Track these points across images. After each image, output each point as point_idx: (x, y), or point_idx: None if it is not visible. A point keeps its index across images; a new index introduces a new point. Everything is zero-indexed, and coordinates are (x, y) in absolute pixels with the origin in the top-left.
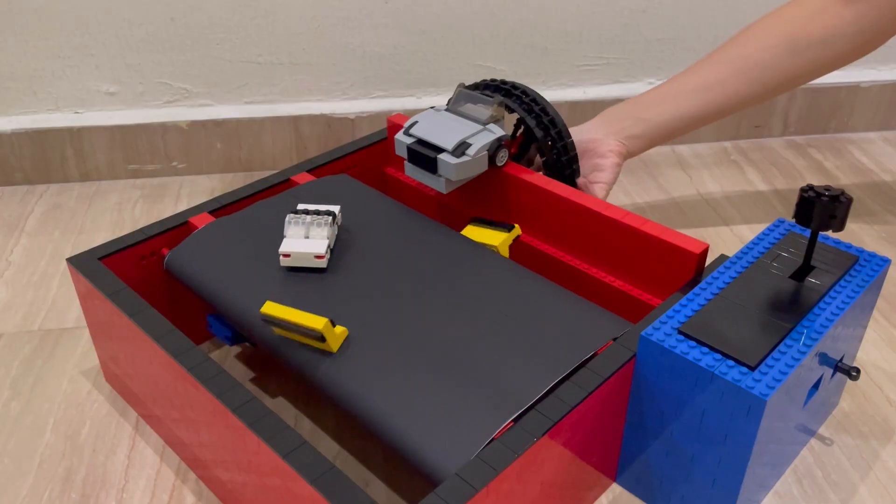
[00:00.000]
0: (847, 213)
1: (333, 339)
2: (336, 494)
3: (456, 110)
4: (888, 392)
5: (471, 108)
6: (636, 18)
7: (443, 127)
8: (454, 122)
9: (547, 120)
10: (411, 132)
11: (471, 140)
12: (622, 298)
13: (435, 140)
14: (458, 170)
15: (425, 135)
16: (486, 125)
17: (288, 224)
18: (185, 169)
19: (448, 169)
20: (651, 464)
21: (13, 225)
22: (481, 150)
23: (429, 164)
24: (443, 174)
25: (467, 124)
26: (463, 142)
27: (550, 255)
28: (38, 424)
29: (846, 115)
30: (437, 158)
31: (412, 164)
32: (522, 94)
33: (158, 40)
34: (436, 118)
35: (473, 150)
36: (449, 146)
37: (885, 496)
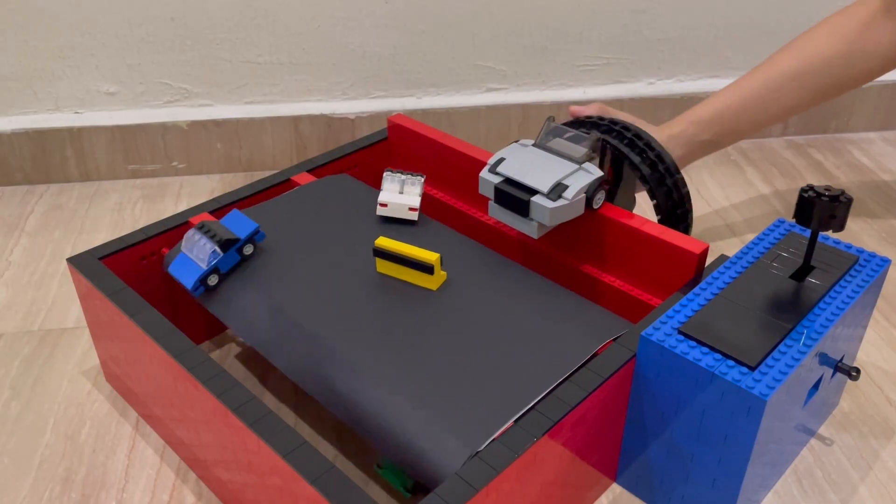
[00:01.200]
0: (847, 214)
1: (438, 277)
2: (336, 494)
3: (545, 146)
4: (888, 392)
5: (562, 145)
6: (636, 18)
7: (534, 165)
8: (547, 160)
9: (653, 155)
10: (498, 170)
11: (567, 181)
12: (622, 298)
13: (527, 180)
14: (554, 214)
15: (515, 174)
16: (581, 164)
17: (385, 180)
18: (185, 169)
19: (543, 213)
20: (651, 464)
21: (13, 225)
22: (579, 192)
23: (520, 206)
24: (535, 218)
25: (561, 163)
26: (559, 183)
27: (550, 254)
28: (38, 424)
29: (846, 115)
30: (530, 201)
31: (499, 205)
32: (623, 129)
33: (158, 40)
34: (524, 155)
35: (571, 193)
36: (544, 188)
37: (885, 496)
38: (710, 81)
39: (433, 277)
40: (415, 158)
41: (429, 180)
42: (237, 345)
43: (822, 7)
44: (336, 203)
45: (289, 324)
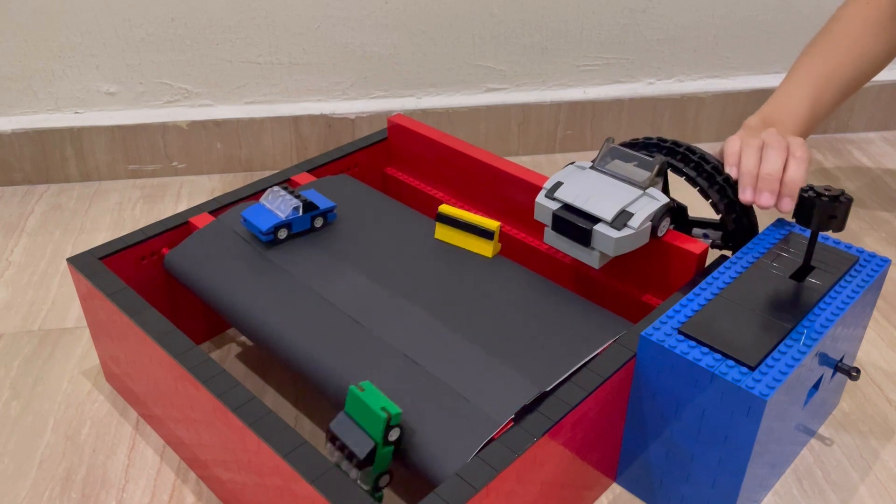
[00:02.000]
0: (847, 214)
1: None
2: (336, 494)
3: (605, 169)
4: (888, 392)
5: (624, 168)
6: (636, 18)
7: (596, 190)
8: (608, 185)
9: (721, 179)
10: (556, 195)
11: (632, 208)
12: (622, 298)
13: (588, 207)
14: (619, 244)
15: (575, 200)
16: (645, 189)
17: None
18: (185, 169)
19: (607, 243)
20: (651, 464)
21: (13, 225)
22: (645, 220)
23: (582, 235)
24: (598, 248)
25: (624, 188)
26: (623, 210)
27: (550, 255)
28: (38, 424)
29: (846, 115)
30: (593, 230)
31: (556, 231)
32: (688, 151)
33: (158, 40)
34: (584, 179)
35: (637, 222)
36: (607, 216)
37: (885, 496)
38: (710, 81)
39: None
40: (415, 158)
41: (429, 180)
42: (237, 345)
43: (822, 7)
44: (336, 203)
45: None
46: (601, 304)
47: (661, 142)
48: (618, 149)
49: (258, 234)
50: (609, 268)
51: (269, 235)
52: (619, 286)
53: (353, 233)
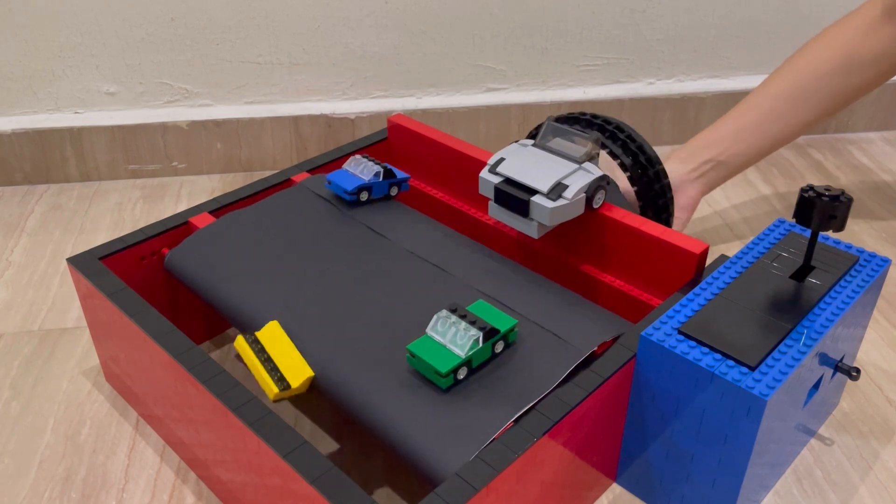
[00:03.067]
0: (847, 213)
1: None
2: (336, 494)
3: (545, 146)
4: (888, 392)
5: (562, 144)
6: (636, 18)
7: (534, 165)
8: (547, 159)
9: (644, 159)
10: (498, 170)
11: (567, 181)
12: (622, 298)
13: (527, 180)
14: (554, 214)
15: (515, 174)
16: (581, 164)
17: None
18: (185, 169)
19: (543, 213)
20: (651, 464)
21: (13, 225)
22: (579, 192)
23: (520, 206)
24: (535, 218)
25: (561, 163)
26: (559, 183)
27: (550, 254)
28: (38, 424)
29: (846, 115)
30: (530, 201)
31: (498, 205)
32: (617, 129)
33: (158, 40)
34: (525, 155)
35: (571, 193)
36: (543, 188)
37: (885, 496)
38: (710, 81)
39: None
40: (414, 158)
41: (429, 180)
42: None
43: (822, 7)
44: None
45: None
46: (601, 304)
47: (593, 118)
48: (557, 126)
49: (342, 195)
50: (609, 268)
51: (353, 196)
52: (619, 286)
53: (352, 229)
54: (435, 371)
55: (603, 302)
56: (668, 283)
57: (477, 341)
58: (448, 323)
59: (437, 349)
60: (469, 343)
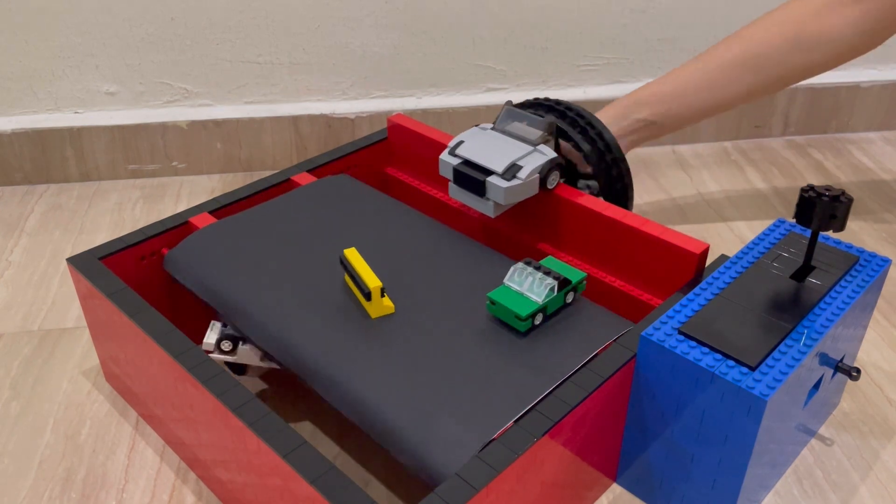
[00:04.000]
0: (847, 213)
1: (378, 307)
2: (336, 494)
3: (503, 130)
4: (888, 392)
5: (519, 128)
6: (636, 18)
7: (491, 147)
8: (503, 142)
9: (602, 146)
10: (457, 152)
11: (521, 162)
12: (622, 298)
13: (483, 161)
14: (508, 193)
15: (472, 155)
16: (536, 146)
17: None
18: (185, 169)
19: (497, 192)
20: (651, 464)
21: (13, 225)
22: (533, 172)
23: (476, 186)
24: (491, 198)
25: (517, 145)
26: (513, 164)
27: (550, 254)
28: (38, 424)
29: (846, 115)
30: (486, 181)
31: (457, 185)
32: (578, 115)
33: (158, 40)
34: (483, 138)
35: (525, 173)
36: (499, 168)
37: (885, 496)
38: None
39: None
40: (414, 158)
41: (428, 180)
42: None
43: None
44: (336, 203)
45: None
46: (601, 304)
47: (555, 105)
48: (515, 111)
49: None
50: (609, 268)
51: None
52: (619, 286)
53: (352, 233)
54: (515, 315)
55: (603, 302)
56: (668, 283)
57: (552, 290)
58: (525, 273)
59: (516, 297)
60: (545, 291)
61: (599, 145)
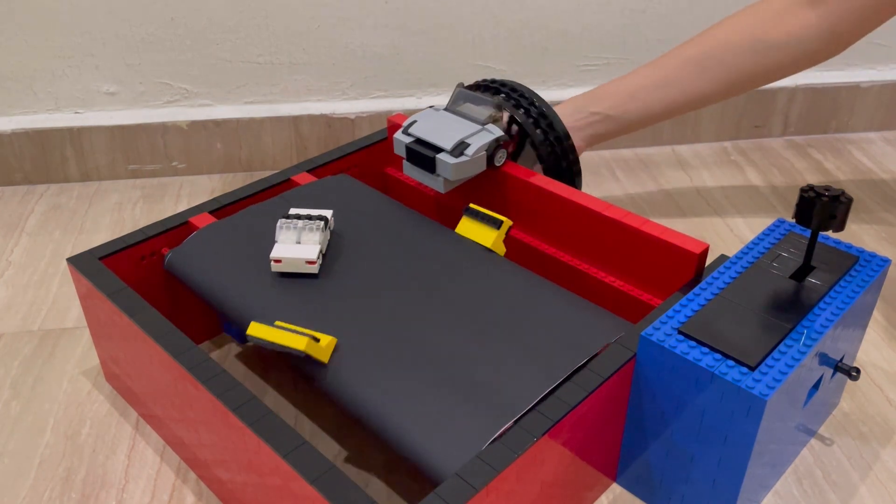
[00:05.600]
0: (847, 214)
1: (320, 352)
2: (336, 494)
3: (455, 110)
4: (888, 392)
5: (470, 108)
6: (636, 18)
7: (442, 126)
8: (453, 121)
9: (545, 124)
10: (410, 131)
11: (469, 140)
12: (622, 298)
13: (433, 139)
14: (456, 170)
15: (424, 134)
16: (484, 125)
17: (280, 229)
18: (185, 169)
19: (446, 168)
20: (651, 464)
21: (13, 225)
22: (479, 150)
23: (427, 163)
24: (441, 174)
25: (466, 124)
26: (461, 142)
27: (550, 255)
28: (38, 424)
29: (846, 115)
30: (436, 158)
31: (410, 163)
32: (521, 96)
33: (158, 40)
34: (435, 118)
35: (472, 150)
36: (447, 146)
37: (885, 496)
38: None
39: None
40: None
41: None
42: (237, 345)
43: None
44: (336, 203)
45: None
46: (601, 304)
47: (501, 86)
48: (466, 92)
49: None
50: (609, 268)
51: None
52: (619, 286)
53: (353, 233)
54: None
55: (603, 302)
56: (667, 283)
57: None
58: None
59: None
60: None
61: (542, 124)
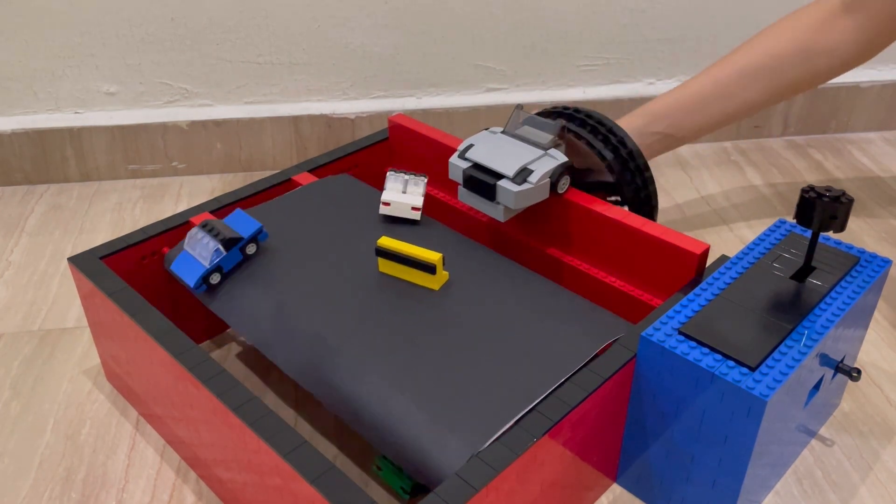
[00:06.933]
0: (848, 214)
1: (440, 277)
2: (336, 494)
3: (514, 133)
4: (888, 392)
5: (530, 132)
6: (636, 18)
7: (502, 151)
8: (514, 146)
9: (616, 140)
10: (467, 156)
11: (532, 166)
12: (623, 299)
13: (494, 165)
14: (518, 198)
15: (482, 159)
16: (547, 150)
17: (388, 179)
18: (185, 169)
19: (508, 196)
20: (651, 464)
21: (13, 225)
22: (543, 176)
23: (487, 190)
24: (502, 202)
25: (527, 149)
26: (524, 168)
27: (551, 255)
28: (38, 424)
29: (846, 115)
30: (496, 185)
31: (467, 189)
32: (587, 116)
33: (158, 40)
34: (493, 141)
35: (535, 177)
36: (509, 172)
37: (885, 496)
38: None
39: (435, 277)
40: (415, 158)
41: (429, 180)
42: (237, 344)
43: None
44: (337, 203)
45: (290, 322)
46: (601, 304)
47: (563, 109)
48: (525, 114)
49: (190, 290)
50: (610, 268)
51: (200, 288)
52: (619, 286)
53: (354, 233)
54: None
55: (603, 302)
56: (668, 283)
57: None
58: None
59: None
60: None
61: (622, 153)
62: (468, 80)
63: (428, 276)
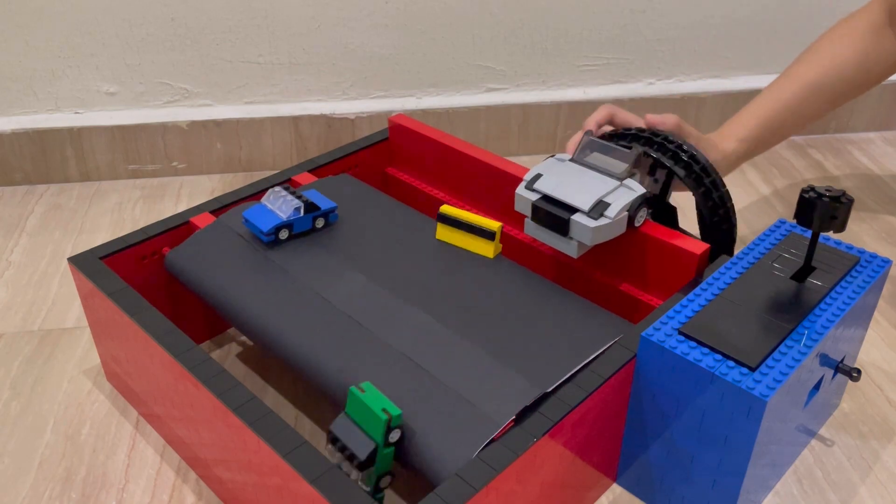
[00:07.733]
0: (848, 214)
1: (495, 247)
2: (336, 494)
3: (584, 162)
4: (888, 392)
5: (602, 160)
6: (636, 18)
7: (573, 181)
8: (585, 176)
9: (698, 168)
10: (535, 187)
11: (609, 199)
12: (623, 299)
13: (566, 198)
14: (595, 233)
15: (553, 190)
16: (622, 181)
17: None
18: (185, 169)
19: (584, 233)
20: (651, 464)
21: (13, 225)
22: (621, 210)
23: (559, 225)
24: (576, 237)
25: (601, 179)
26: (600, 201)
27: (551, 255)
28: (38, 424)
29: (846, 115)
30: (570, 220)
31: (535, 222)
32: (665, 140)
33: (158, 40)
34: (563, 170)
35: (613, 212)
36: (585, 206)
37: (885, 496)
38: (710, 81)
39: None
40: (415, 158)
41: (429, 180)
42: (237, 344)
43: (822, 7)
44: (337, 202)
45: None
46: (601, 305)
47: (639, 132)
48: (596, 141)
49: (259, 235)
50: (609, 268)
51: (270, 236)
52: (620, 286)
53: (354, 233)
54: None
55: (603, 302)
56: (668, 283)
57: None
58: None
59: None
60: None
61: (706, 181)
62: (468, 80)
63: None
